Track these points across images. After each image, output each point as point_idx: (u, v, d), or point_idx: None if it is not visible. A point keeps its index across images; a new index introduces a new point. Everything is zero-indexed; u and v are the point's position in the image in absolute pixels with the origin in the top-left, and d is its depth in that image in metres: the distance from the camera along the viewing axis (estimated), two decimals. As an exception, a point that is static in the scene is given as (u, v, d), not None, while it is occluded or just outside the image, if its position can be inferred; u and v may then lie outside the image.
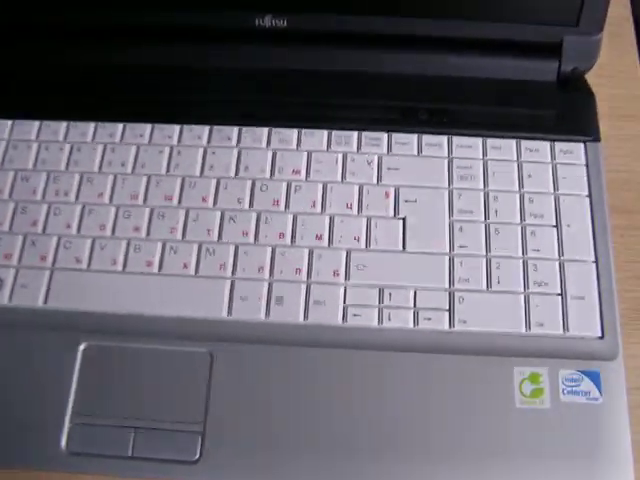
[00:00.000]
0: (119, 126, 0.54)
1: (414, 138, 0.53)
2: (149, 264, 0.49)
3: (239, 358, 0.47)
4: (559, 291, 0.48)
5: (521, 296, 0.48)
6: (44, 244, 0.50)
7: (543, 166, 0.52)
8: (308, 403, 0.46)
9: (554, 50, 0.54)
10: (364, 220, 0.50)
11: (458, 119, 0.53)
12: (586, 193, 0.51)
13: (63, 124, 0.54)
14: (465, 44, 0.54)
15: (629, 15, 0.63)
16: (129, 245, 0.50)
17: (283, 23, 0.54)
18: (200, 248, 0.50)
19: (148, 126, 0.54)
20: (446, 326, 0.48)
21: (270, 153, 0.52)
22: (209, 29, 0.54)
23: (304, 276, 0.49)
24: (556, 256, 0.49)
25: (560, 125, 0.53)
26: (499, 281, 0.48)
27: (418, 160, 0.52)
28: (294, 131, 0.53)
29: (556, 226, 0.50)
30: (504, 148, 0.52)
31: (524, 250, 0.49)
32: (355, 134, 0.53)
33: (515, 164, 0.52)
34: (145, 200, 0.51)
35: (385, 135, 0.53)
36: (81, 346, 0.48)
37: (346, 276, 0.49)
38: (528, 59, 0.54)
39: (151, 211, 0.51)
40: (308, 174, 0.52)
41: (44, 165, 0.53)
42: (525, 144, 0.52)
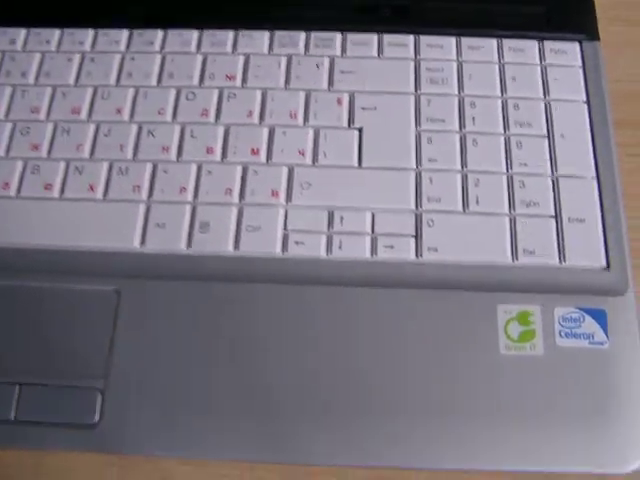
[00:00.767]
0: (22, 32, 0.45)
1: (374, 38, 0.44)
2: (48, 187, 0.40)
3: (152, 297, 0.38)
4: (552, 212, 0.39)
5: (506, 218, 0.39)
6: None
7: (531, 68, 0.43)
8: (236, 352, 0.37)
9: None
10: (311, 131, 0.41)
11: (427, 16, 0.44)
12: (584, 99, 0.42)
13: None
14: None
15: None
16: (25, 166, 0.41)
17: None
18: (111, 167, 0.41)
19: (56, 31, 0.45)
20: (412, 255, 0.38)
21: (200, 58, 0.43)
22: None
23: (236, 197, 0.39)
24: (548, 171, 0.40)
25: (551, 22, 0.44)
26: (478, 201, 0.39)
27: (378, 62, 0.43)
28: (229, 32, 0.44)
29: (547, 136, 0.41)
30: (483, 48, 0.43)
31: (509, 164, 0.40)
32: (302, 34, 0.44)
33: (496, 66, 0.43)
34: (48, 114, 0.42)
35: (339, 35, 0.44)
36: (-40, 286, 0.39)
37: (287, 197, 0.39)
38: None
39: (54, 126, 0.42)
40: (245, 80, 0.43)
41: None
42: (508, 43, 0.43)
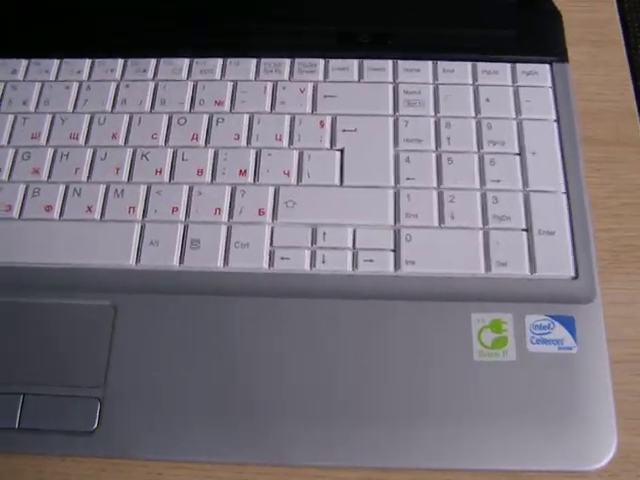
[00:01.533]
0: (22, 62, 0.48)
1: (354, 63, 0.46)
2: (48, 209, 0.43)
3: (147, 311, 0.40)
4: (524, 226, 0.41)
5: (479, 232, 0.41)
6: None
7: (503, 89, 0.45)
8: (225, 363, 0.39)
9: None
10: (295, 153, 0.43)
11: (405, 42, 0.47)
12: (554, 117, 0.44)
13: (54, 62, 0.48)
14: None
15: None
16: (27, 189, 0.43)
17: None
18: (107, 190, 0.43)
19: (54, 62, 0.47)
20: (391, 268, 0.40)
21: (191, 85, 0.46)
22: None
23: (225, 216, 0.42)
24: (520, 187, 0.42)
25: (522, 45, 0.46)
26: (453, 216, 0.41)
27: (359, 86, 0.45)
28: (218, 60, 0.47)
29: (519, 154, 0.43)
30: (457, 71, 0.46)
31: (482, 181, 0.42)
32: (287, 61, 0.46)
33: (470, 88, 0.45)
34: (48, 140, 0.45)
35: (321, 61, 0.46)
36: (-31, 302, 0.41)
37: (273, 215, 0.42)
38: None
39: (54, 152, 0.44)
40: (233, 105, 0.45)
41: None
42: (482, 66, 0.46)
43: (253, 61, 0.46)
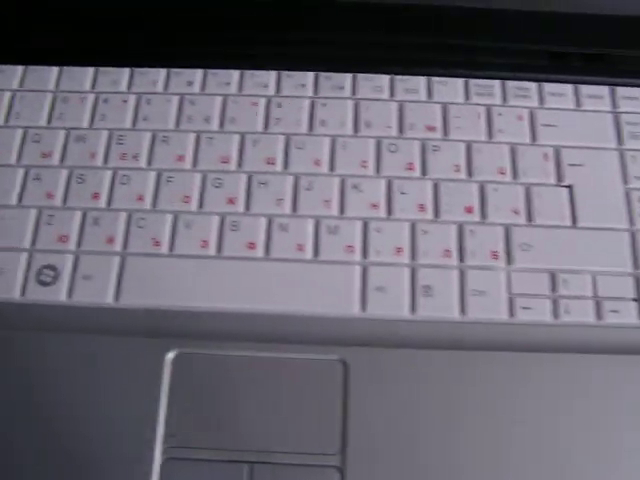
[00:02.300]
0: (198, 72, 0.42)
1: (569, 88, 0.42)
2: (251, 246, 0.38)
3: (380, 367, 0.36)
4: None
5: None
6: (110, 222, 0.38)
7: None
8: (472, 423, 0.35)
9: None
10: (521, 188, 0.40)
11: (619, 65, 0.43)
12: None
13: (125, 70, 0.42)
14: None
15: None
16: (223, 222, 0.38)
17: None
18: (317, 225, 0.38)
19: (235, 73, 0.42)
20: (636, 320, 0.37)
21: (395, 105, 0.41)
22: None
23: (454, 260, 0.38)
24: None
25: None
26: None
27: (577, 115, 0.42)
28: (422, 79, 0.42)
29: None
30: (679, 100, 0.43)
31: None
32: (497, 83, 0.42)
33: (698, 118, 0.42)
34: (240, 164, 0.40)
35: (534, 85, 0.42)
36: (169, 355, 0.36)
37: (508, 259, 0.38)
38: None
39: (248, 179, 0.39)
40: (446, 132, 0.41)
41: (104, 122, 0.41)
42: None
43: (460, 81, 0.42)
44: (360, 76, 0.42)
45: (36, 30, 0.44)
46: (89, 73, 0.43)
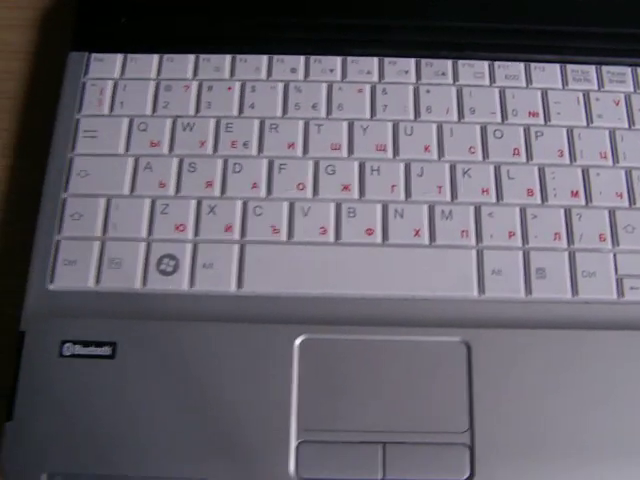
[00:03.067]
0: (300, 59, 0.42)
1: (670, 75, 0.44)
2: (369, 232, 0.39)
3: (501, 347, 0.37)
4: None
5: None
6: (226, 211, 0.39)
7: None
8: (593, 400, 0.37)
9: None
10: (623, 172, 0.41)
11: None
12: None
13: (227, 57, 0.43)
14: None
15: None
16: (339, 209, 0.39)
17: None
18: (431, 210, 0.39)
19: (337, 59, 0.42)
20: None
21: (497, 91, 0.42)
22: None
23: (564, 242, 0.39)
24: None
25: None
26: None
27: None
28: (520, 65, 0.43)
29: None
30: None
31: None
32: (593, 68, 0.43)
33: None
34: (351, 152, 0.40)
35: (628, 70, 0.43)
36: (297, 340, 0.37)
37: (613, 241, 0.39)
38: None
39: (361, 165, 0.40)
40: (547, 117, 0.42)
41: (210, 109, 0.41)
42: None
43: (557, 67, 0.43)
44: (460, 62, 0.43)
45: (133, 18, 0.44)
46: (190, 60, 0.43)
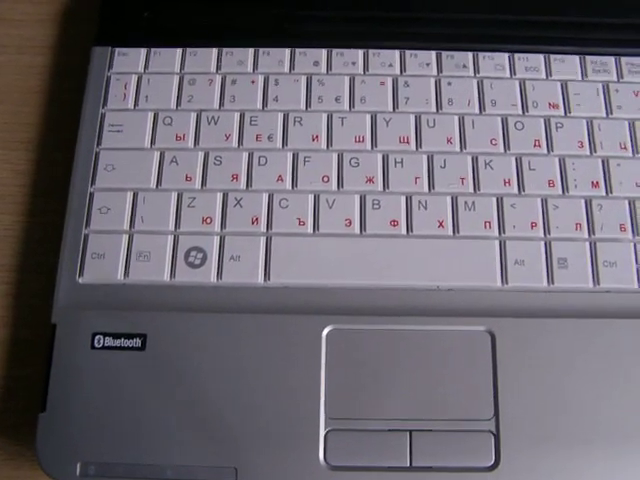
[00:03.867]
0: (322, 52, 0.43)
1: (671, 64, 0.44)
2: (394, 224, 0.39)
3: (524, 336, 0.38)
4: None
5: None
6: (253, 203, 0.39)
7: None
8: (613, 388, 0.37)
9: None
10: (641, 163, 0.41)
11: None
12: None
13: (249, 50, 0.43)
14: None
15: None
16: (364, 201, 0.40)
17: None
18: (454, 202, 0.40)
19: (359, 52, 0.43)
20: None
21: (517, 83, 0.43)
22: None
23: (585, 232, 0.40)
24: None
25: None
26: None
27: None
28: (540, 56, 0.43)
29: None
30: None
31: None
32: (612, 59, 0.44)
33: None
34: (374, 144, 0.41)
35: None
36: (324, 331, 0.37)
37: (634, 231, 0.40)
38: None
39: (384, 157, 0.41)
40: (567, 109, 0.42)
41: (234, 103, 0.42)
42: None
43: (576, 58, 0.43)
44: (481, 54, 0.43)
45: (156, 12, 0.44)
46: (213, 54, 0.43)
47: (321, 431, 0.36)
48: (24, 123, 0.45)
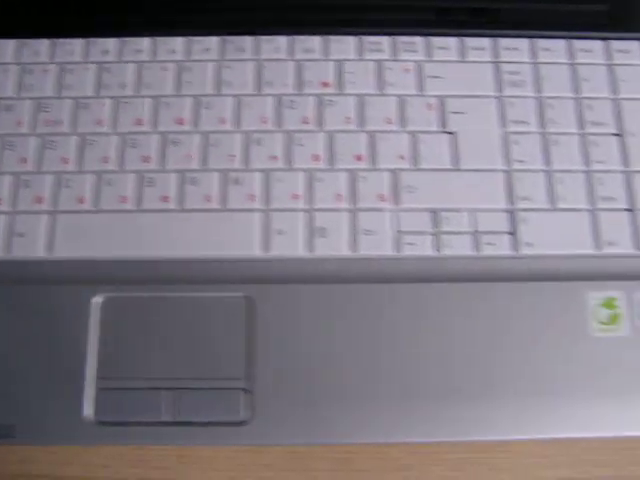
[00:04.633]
0: (110, 41, 0.46)
1: (454, 42, 0.46)
2: (165, 199, 0.42)
3: (281, 301, 0.41)
4: (628, 206, 0.43)
5: (588, 214, 0.43)
6: (39, 184, 0.43)
7: (599, 68, 0.46)
8: (363, 346, 0.40)
9: None
10: (407, 136, 0.44)
11: (500, 19, 0.47)
12: (650, 97, 0.46)
13: (45, 42, 0.46)
14: None
15: None
16: (142, 179, 0.43)
17: None
18: (223, 177, 0.43)
19: (145, 40, 0.46)
20: (511, 250, 0.42)
21: (293, 64, 0.45)
22: None
23: (346, 203, 0.42)
24: (622, 168, 0.44)
25: (614, 21, 0.47)
26: (563, 198, 0.43)
27: (462, 66, 0.46)
28: (318, 38, 0.46)
29: (619, 135, 0.45)
30: (554, 49, 0.46)
31: (587, 163, 0.44)
32: (387, 39, 0.46)
33: (568, 67, 0.46)
34: (155, 125, 0.44)
35: (421, 39, 0.46)
36: (96, 299, 0.41)
37: (394, 200, 0.43)
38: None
39: (162, 138, 0.44)
40: (340, 86, 0.45)
41: (28, 91, 0.45)
42: (577, 44, 0.47)
43: (352, 39, 0.46)
44: (260, 39, 0.46)
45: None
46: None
47: (90, 390, 0.40)
48: None
